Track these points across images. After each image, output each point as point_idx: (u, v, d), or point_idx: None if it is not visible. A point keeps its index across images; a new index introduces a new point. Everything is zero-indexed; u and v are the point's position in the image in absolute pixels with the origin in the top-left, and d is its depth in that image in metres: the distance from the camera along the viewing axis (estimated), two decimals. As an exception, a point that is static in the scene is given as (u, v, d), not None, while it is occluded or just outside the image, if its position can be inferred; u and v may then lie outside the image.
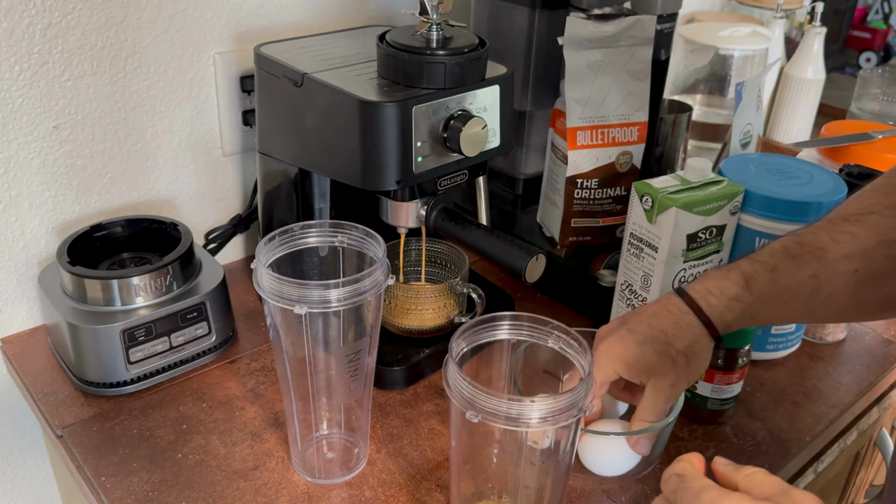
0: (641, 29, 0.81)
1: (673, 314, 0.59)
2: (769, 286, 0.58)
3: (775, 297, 0.58)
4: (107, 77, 0.77)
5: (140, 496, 0.62)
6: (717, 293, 0.59)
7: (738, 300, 0.58)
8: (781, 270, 0.58)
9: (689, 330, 0.58)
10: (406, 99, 0.64)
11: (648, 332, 0.59)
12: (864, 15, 1.90)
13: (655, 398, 0.59)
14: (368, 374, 0.63)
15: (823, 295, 0.57)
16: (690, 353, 0.58)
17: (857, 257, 0.56)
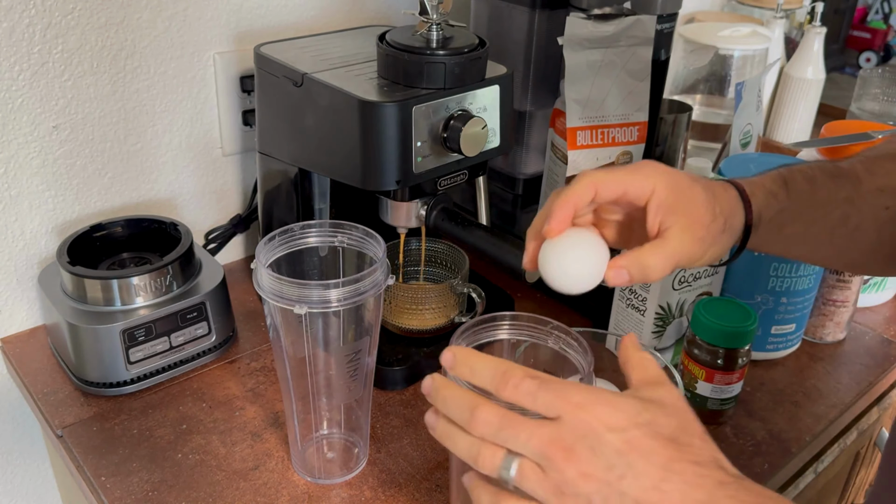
0: (641, 29, 0.81)
1: (720, 183, 0.53)
2: (806, 194, 0.55)
3: (808, 209, 0.55)
4: (107, 77, 0.77)
5: (140, 496, 0.62)
6: (757, 184, 0.54)
7: (776, 197, 0.54)
8: (819, 183, 0.55)
9: (734, 201, 0.53)
10: (406, 99, 0.64)
11: (700, 179, 0.51)
12: (864, 15, 1.90)
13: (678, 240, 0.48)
14: (368, 374, 0.63)
15: (852, 224, 0.55)
16: (728, 221, 0.52)
17: (889, 193, 0.55)
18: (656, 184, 0.48)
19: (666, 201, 0.49)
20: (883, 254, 0.57)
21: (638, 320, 0.76)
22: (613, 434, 0.40)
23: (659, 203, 0.49)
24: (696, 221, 0.49)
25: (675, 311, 0.76)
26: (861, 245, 0.57)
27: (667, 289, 0.74)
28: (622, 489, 0.40)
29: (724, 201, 0.52)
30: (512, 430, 0.41)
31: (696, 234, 0.49)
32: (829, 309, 0.84)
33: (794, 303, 0.78)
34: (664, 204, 0.48)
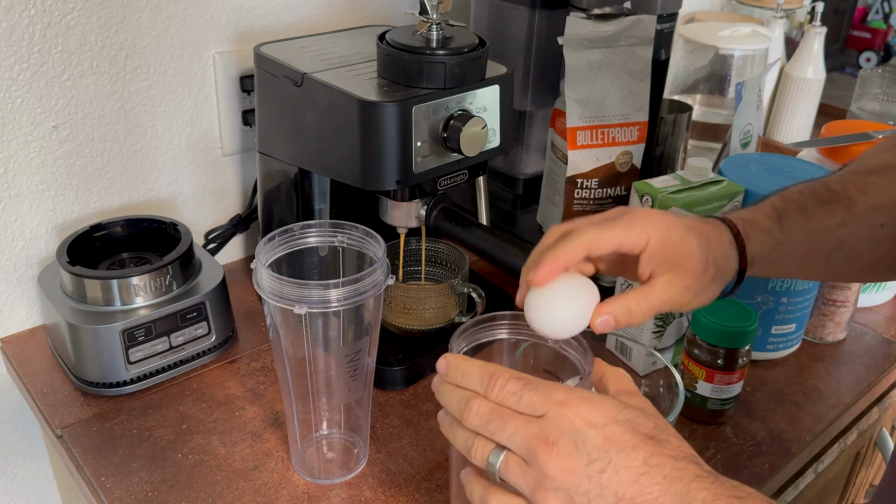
0: (641, 29, 0.81)
1: (714, 226, 0.54)
2: (799, 226, 0.55)
3: (802, 241, 0.55)
4: (106, 77, 0.77)
5: (140, 496, 0.61)
6: (751, 222, 0.55)
7: (770, 234, 0.55)
8: (811, 212, 0.55)
9: (727, 247, 0.53)
10: (406, 99, 0.64)
11: (694, 225, 0.52)
12: (865, 15, 1.90)
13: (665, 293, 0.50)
14: (368, 374, 0.63)
15: (846, 248, 0.55)
16: (721, 267, 0.53)
17: (884, 210, 0.55)
18: (650, 238, 0.50)
19: (659, 254, 0.50)
20: (885, 265, 0.58)
21: (638, 320, 0.76)
22: (594, 430, 0.41)
23: (651, 255, 0.50)
24: (686, 272, 0.51)
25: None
26: (857, 264, 0.57)
27: (667, 289, 0.74)
28: (602, 483, 0.41)
29: (718, 248, 0.53)
30: (500, 423, 0.43)
31: (685, 284, 0.51)
32: (829, 309, 0.84)
33: (795, 303, 0.78)
34: (656, 256, 0.50)
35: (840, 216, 0.55)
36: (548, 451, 0.41)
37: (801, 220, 0.55)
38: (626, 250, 0.50)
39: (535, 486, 0.42)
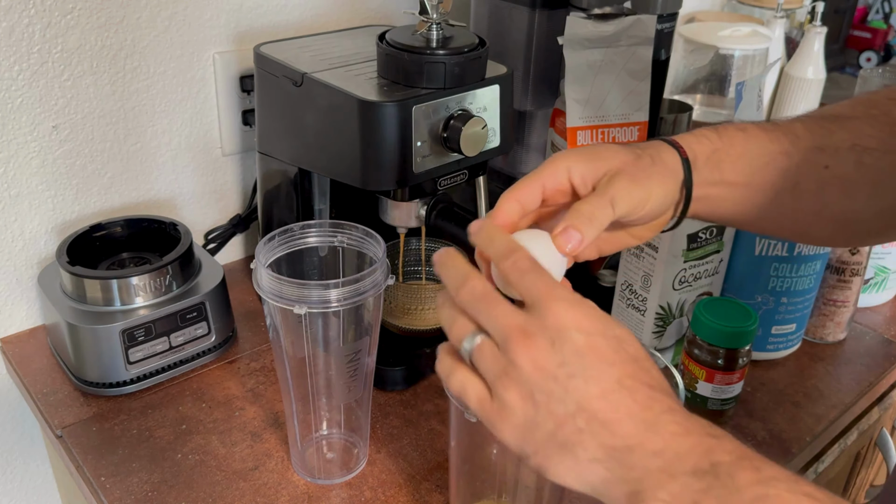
0: (641, 28, 0.81)
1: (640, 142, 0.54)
2: (738, 140, 0.53)
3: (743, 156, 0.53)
4: (106, 77, 0.77)
5: (140, 496, 0.61)
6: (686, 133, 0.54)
7: (707, 138, 0.53)
8: (752, 134, 0.54)
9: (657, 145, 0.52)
10: (406, 99, 0.64)
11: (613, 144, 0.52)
12: (865, 14, 1.90)
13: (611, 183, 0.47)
14: (368, 374, 0.63)
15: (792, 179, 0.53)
16: (656, 156, 0.51)
17: (829, 153, 0.53)
18: (567, 163, 0.48)
19: (585, 169, 0.48)
20: (827, 218, 0.56)
21: (638, 320, 0.76)
22: (579, 334, 0.40)
23: (581, 174, 0.48)
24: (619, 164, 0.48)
25: (675, 311, 0.76)
26: (804, 207, 0.55)
27: (667, 289, 0.74)
28: (568, 388, 0.39)
29: (645, 146, 0.51)
30: (486, 305, 0.42)
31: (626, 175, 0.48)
32: (829, 309, 0.84)
33: (795, 303, 0.78)
34: (585, 172, 0.48)
35: (782, 145, 0.53)
36: (523, 342, 0.40)
37: (741, 138, 0.53)
38: (555, 185, 0.49)
39: (500, 374, 0.41)
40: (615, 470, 0.39)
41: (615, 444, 0.39)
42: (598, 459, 0.39)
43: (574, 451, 0.39)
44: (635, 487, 0.38)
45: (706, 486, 0.36)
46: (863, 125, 0.54)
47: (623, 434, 0.39)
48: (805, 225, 0.57)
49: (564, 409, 0.39)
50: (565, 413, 0.39)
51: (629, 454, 0.39)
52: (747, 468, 0.37)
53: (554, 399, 0.39)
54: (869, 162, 0.53)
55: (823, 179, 0.54)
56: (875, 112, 0.55)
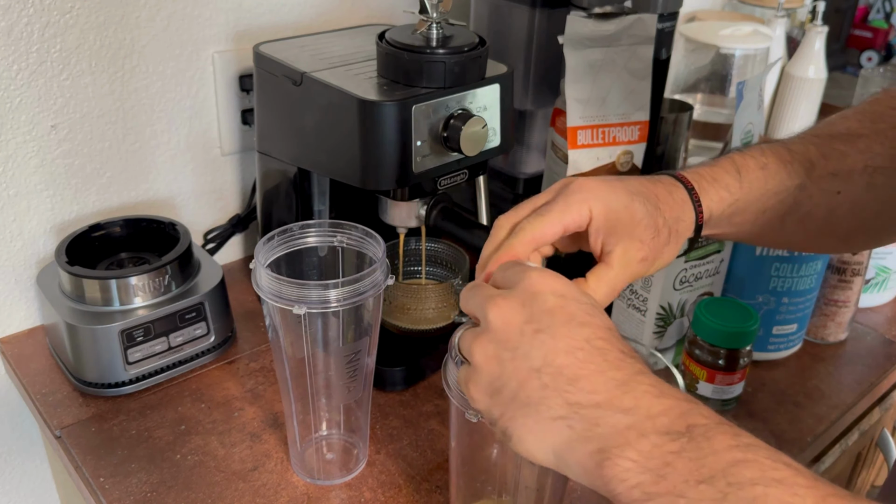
0: (642, 28, 0.81)
1: (664, 185, 0.52)
2: (759, 183, 0.53)
3: (760, 199, 0.53)
4: (105, 76, 0.77)
5: (139, 497, 0.61)
6: (708, 178, 0.53)
7: (728, 191, 0.53)
8: (772, 172, 0.54)
9: (681, 205, 0.51)
10: (406, 98, 0.63)
11: (640, 188, 0.50)
12: (866, 14, 1.90)
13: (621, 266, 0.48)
14: (368, 374, 0.63)
15: (801, 212, 0.54)
16: (675, 229, 0.51)
17: (842, 177, 0.53)
18: (592, 210, 0.48)
19: (604, 226, 0.48)
20: (836, 235, 0.56)
21: (639, 320, 0.76)
22: (554, 297, 0.39)
23: (597, 228, 0.48)
24: (636, 241, 0.48)
25: (676, 311, 0.75)
26: (810, 229, 0.55)
27: (668, 289, 0.73)
28: (534, 343, 0.38)
29: (669, 209, 0.51)
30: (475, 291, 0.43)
31: (639, 255, 0.49)
32: (830, 309, 0.84)
33: (796, 303, 0.78)
34: (602, 228, 0.48)
35: (800, 178, 0.54)
36: (497, 301, 0.40)
37: (761, 178, 0.53)
38: (573, 229, 0.49)
39: (473, 340, 0.41)
40: (578, 426, 0.37)
41: (580, 400, 0.37)
42: (562, 416, 0.37)
43: (537, 408, 0.38)
44: (600, 445, 0.36)
45: (679, 447, 0.35)
46: (872, 143, 0.54)
47: (590, 390, 0.37)
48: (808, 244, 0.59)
49: (529, 364, 0.38)
50: (529, 368, 0.38)
51: (595, 410, 0.37)
52: (725, 433, 0.35)
53: (519, 354, 0.39)
54: (880, 182, 0.53)
55: (834, 204, 0.54)
56: (883, 126, 0.55)
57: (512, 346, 0.39)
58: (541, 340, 0.38)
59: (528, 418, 0.38)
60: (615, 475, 0.35)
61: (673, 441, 0.35)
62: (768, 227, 0.55)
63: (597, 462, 0.36)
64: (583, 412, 0.37)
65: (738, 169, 0.54)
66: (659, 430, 0.35)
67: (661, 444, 0.35)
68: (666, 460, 0.34)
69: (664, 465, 0.34)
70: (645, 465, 0.35)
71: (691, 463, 0.34)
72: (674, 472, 0.34)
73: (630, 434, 0.36)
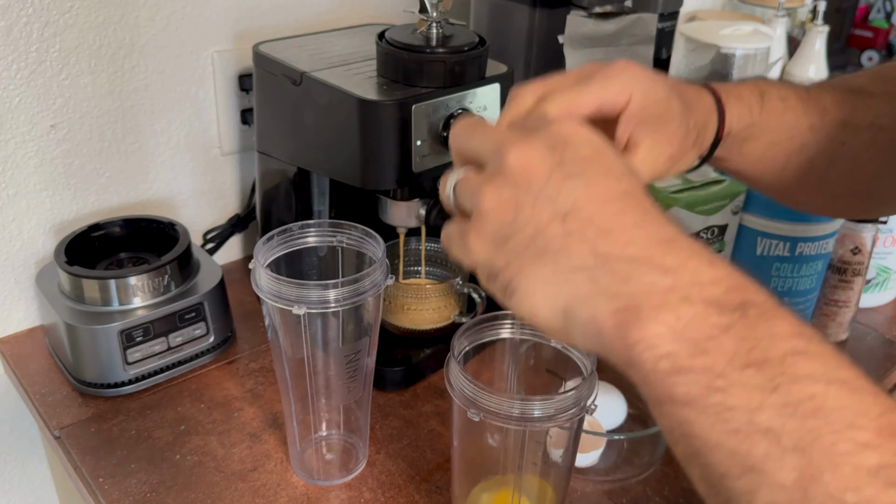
0: (642, 27, 0.81)
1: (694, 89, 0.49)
2: (776, 113, 0.52)
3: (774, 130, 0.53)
4: (104, 76, 0.77)
5: (138, 497, 0.61)
6: (734, 94, 0.51)
7: (750, 110, 0.51)
8: (791, 105, 0.53)
9: (707, 112, 0.49)
10: (405, 98, 0.63)
11: (677, 86, 0.47)
12: (866, 13, 1.90)
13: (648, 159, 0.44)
14: (368, 374, 0.62)
15: (806, 154, 0.53)
16: (701, 134, 0.48)
17: (850, 129, 0.53)
18: (633, 92, 0.43)
19: (640, 113, 0.43)
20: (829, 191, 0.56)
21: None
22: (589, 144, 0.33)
23: (631, 114, 0.43)
24: (668, 137, 0.44)
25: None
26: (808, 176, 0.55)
27: (668, 289, 0.73)
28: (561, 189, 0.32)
29: (700, 113, 0.48)
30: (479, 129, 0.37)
31: (667, 153, 0.45)
32: (831, 309, 0.83)
33: (796, 303, 0.78)
34: (636, 115, 0.43)
35: (812, 119, 0.53)
36: (515, 143, 0.33)
37: (780, 109, 0.53)
38: (607, 109, 0.43)
39: (481, 184, 0.34)
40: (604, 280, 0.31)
41: (611, 251, 0.31)
42: (585, 267, 0.31)
43: (555, 257, 0.32)
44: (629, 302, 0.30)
45: (729, 322, 0.29)
46: (881, 103, 0.54)
47: (624, 242, 0.31)
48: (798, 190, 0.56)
49: (553, 209, 0.32)
50: (553, 214, 0.32)
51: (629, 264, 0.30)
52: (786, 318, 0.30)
53: (542, 199, 0.32)
54: (882, 142, 0.53)
55: (837, 154, 0.54)
56: (892, 88, 0.55)
57: (534, 191, 0.32)
58: (572, 185, 0.32)
59: (539, 268, 0.32)
60: (642, 338, 0.29)
61: (722, 314, 0.29)
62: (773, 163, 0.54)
63: (620, 322, 0.30)
64: (612, 265, 0.31)
65: (761, 93, 0.52)
66: (707, 300, 0.30)
67: (708, 316, 0.29)
68: (710, 333, 0.29)
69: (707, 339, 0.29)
70: (683, 333, 0.29)
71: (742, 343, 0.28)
72: (717, 349, 0.28)
73: (670, 297, 0.30)
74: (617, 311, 0.30)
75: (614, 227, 0.31)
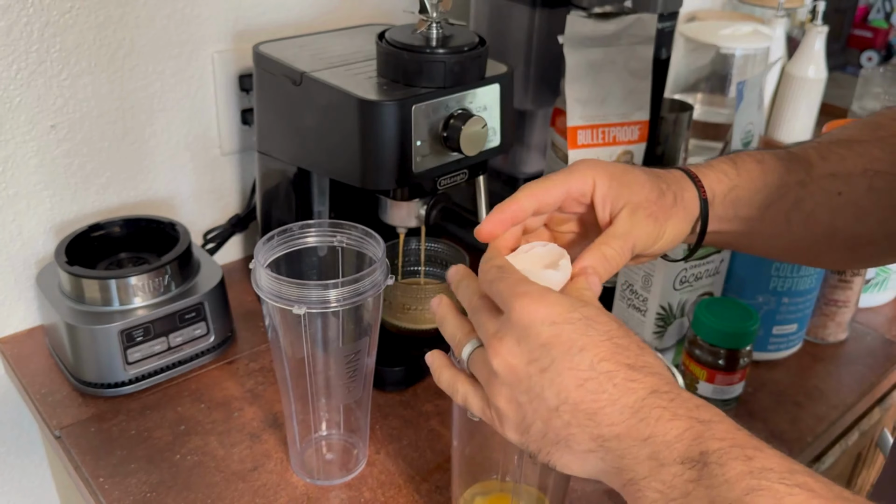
0: (642, 27, 0.81)
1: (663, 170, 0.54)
2: (757, 174, 0.54)
3: (760, 190, 0.54)
4: (105, 76, 0.77)
5: (138, 497, 0.61)
6: (704, 165, 0.55)
7: (726, 174, 0.54)
8: (769, 165, 0.55)
9: (679, 180, 0.53)
10: (405, 98, 0.63)
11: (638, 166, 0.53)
12: (866, 14, 1.90)
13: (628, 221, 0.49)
14: (368, 374, 0.62)
15: (806, 209, 0.54)
16: (679, 194, 0.52)
17: (842, 179, 0.54)
18: (595, 176, 0.49)
19: (609, 191, 0.49)
20: (838, 243, 0.56)
21: (639, 320, 0.76)
22: (544, 327, 0.39)
23: (603, 194, 0.49)
24: (642, 199, 0.49)
25: (676, 311, 0.75)
26: (815, 232, 0.56)
27: (668, 289, 0.73)
28: (544, 383, 0.39)
29: (670, 179, 0.53)
30: (476, 316, 0.43)
31: (647, 211, 0.49)
32: (830, 309, 0.84)
33: (796, 303, 0.78)
34: (608, 193, 0.49)
35: (798, 175, 0.54)
36: (494, 346, 0.41)
37: (758, 169, 0.54)
38: (575, 195, 0.49)
39: (487, 382, 0.42)
40: (608, 459, 0.39)
41: (603, 433, 0.39)
42: (592, 450, 0.39)
43: (569, 444, 0.40)
44: (629, 476, 0.38)
45: (697, 475, 0.36)
46: (872, 148, 0.55)
47: (609, 423, 0.38)
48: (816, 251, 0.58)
49: (546, 405, 0.39)
50: (548, 409, 0.39)
51: (618, 442, 0.38)
52: (738, 458, 0.36)
53: (533, 396, 0.40)
54: (880, 186, 0.53)
55: (836, 206, 0.54)
56: (883, 134, 0.55)
57: (525, 389, 0.40)
58: (549, 379, 0.39)
59: (563, 452, 0.40)
60: None
61: (690, 469, 0.36)
62: (775, 224, 0.55)
63: (630, 493, 0.38)
64: (608, 444, 0.39)
65: (733, 160, 0.55)
66: (676, 459, 0.37)
67: (681, 473, 0.36)
68: (686, 489, 0.36)
69: (685, 495, 0.36)
70: (668, 494, 0.36)
71: (708, 491, 0.35)
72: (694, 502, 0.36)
73: (652, 464, 0.37)
74: (625, 484, 0.39)
75: (596, 409, 0.38)
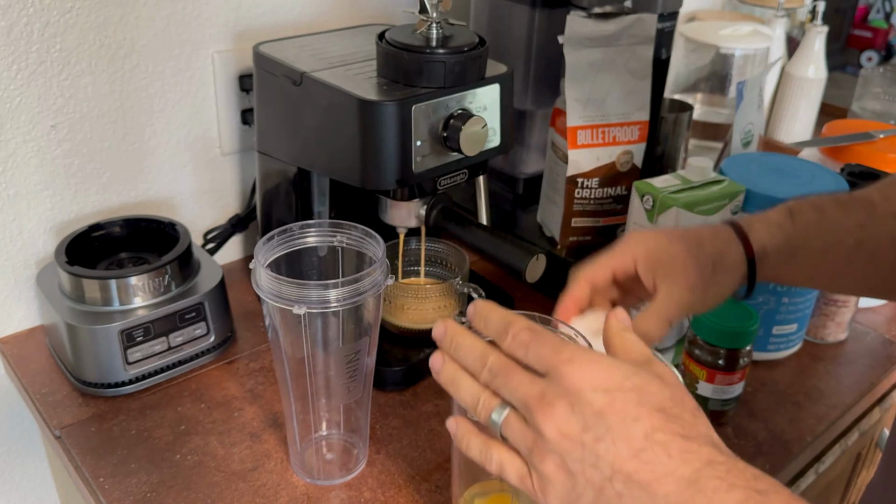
0: (642, 28, 0.81)
1: (713, 228, 0.57)
2: (813, 223, 0.56)
3: (818, 239, 0.55)
4: (105, 76, 0.77)
5: (138, 497, 0.61)
6: (758, 218, 0.57)
7: (780, 228, 0.56)
8: (827, 212, 0.56)
9: (726, 242, 0.56)
10: (405, 98, 0.63)
11: (684, 233, 0.56)
12: (866, 14, 1.90)
13: (668, 299, 0.53)
14: (368, 374, 0.62)
15: (869, 249, 0.55)
16: (720, 261, 0.55)
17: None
18: (636, 254, 0.55)
19: (648, 264, 0.54)
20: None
21: (639, 320, 0.76)
22: (597, 394, 0.39)
23: (645, 268, 0.54)
24: (680, 274, 0.54)
25: (676, 311, 0.75)
26: (882, 268, 0.56)
27: (668, 289, 0.73)
28: (598, 452, 0.38)
29: (711, 245, 0.55)
30: (505, 378, 0.41)
31: (685, 285, 0.53)
32: (830, 309, 0.84)
33: (796, 303, 0.78)
34: (649, 267, 0.54)
35: (858, 218, 0.55)
36: (544, 411, 0.39)
37: (816, 218, 0.56)
38: (621, 272, 0.55)
39: (532, 447, 0.40)
40: None
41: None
42: None
43: None
44: None
45: None
46: None
47: (664, 494, 0.37)
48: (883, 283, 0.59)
49: (600, 474, 0.38)
50: (601, 478, 0.38)
51: None
52: None
53: (587, 465, 0.39)
54: None
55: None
56: None
57: (578, 458, 0.39)
58: (604, 448, 0.38)
59: None
60: None
61: None
62: (835, 267, 0.57)
63: None
64: None
65: (789, 209, 0.57)
66: None
67: None
68: None
69: None
70: None
71: None
72: None
73: None
74: None
75: (651, 479, 0.38)
